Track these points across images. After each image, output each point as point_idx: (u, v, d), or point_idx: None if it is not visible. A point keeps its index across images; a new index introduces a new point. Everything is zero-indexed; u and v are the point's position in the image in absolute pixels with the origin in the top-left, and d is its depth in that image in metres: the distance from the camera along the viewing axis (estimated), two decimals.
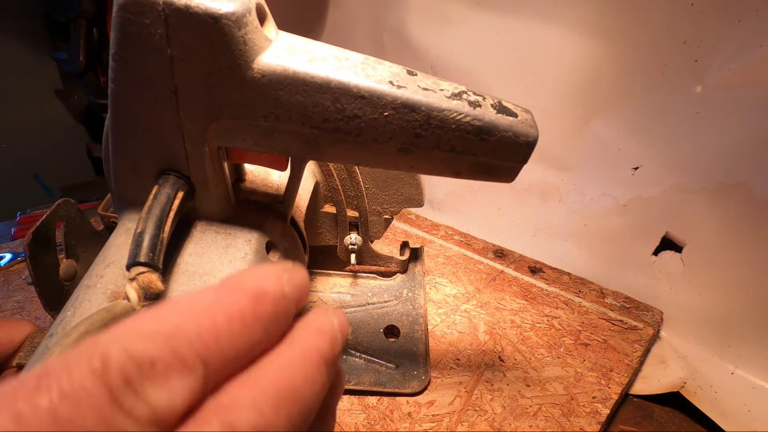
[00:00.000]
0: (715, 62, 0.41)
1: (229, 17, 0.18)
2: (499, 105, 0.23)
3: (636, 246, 0.51)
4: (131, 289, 0.17)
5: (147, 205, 0.20)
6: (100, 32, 0.79)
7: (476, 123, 0.22)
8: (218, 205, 0.24)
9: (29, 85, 0.92)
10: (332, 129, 0.21)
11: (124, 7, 0.17)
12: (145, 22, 0.18)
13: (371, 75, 0.20)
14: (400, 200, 0.42)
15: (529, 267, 0.56)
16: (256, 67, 0.19)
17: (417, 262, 0.47)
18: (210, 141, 0.22)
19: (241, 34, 0.18)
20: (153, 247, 0.18)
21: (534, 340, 0.43)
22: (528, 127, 0.23)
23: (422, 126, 0.21)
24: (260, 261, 0.25)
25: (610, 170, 0.51)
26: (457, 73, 0.62)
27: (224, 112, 0.20)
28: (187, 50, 0.18)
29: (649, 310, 0.49)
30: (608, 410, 0.36)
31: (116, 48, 0.18)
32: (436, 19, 0.61)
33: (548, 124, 0.55)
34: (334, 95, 0.20)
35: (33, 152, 0.96)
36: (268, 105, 0.20)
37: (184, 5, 0.17)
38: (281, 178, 0.31)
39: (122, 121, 0.21)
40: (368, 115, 0.21)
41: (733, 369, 0.43)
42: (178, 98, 0.20)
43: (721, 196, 0.43)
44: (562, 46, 0.51)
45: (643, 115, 0.48)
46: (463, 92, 0.22)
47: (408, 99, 0.20)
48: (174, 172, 0.22)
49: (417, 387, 0.37)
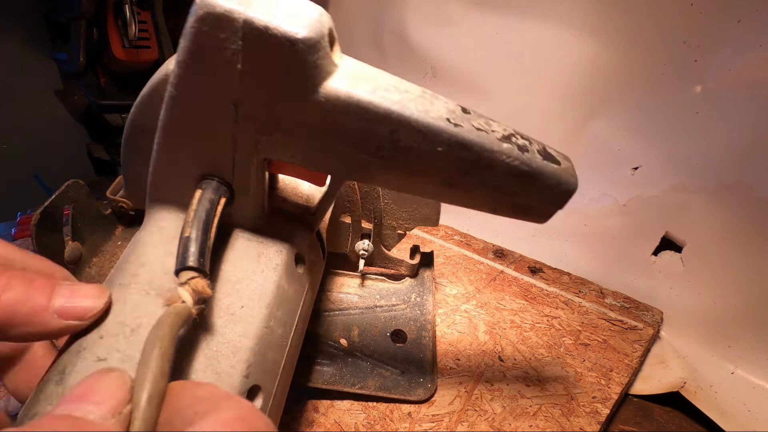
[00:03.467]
0: (715, 62, 0.41)
1: (305, 42, 0.18)
2: (544, 151, 0.23)
3: (636, 246, 0.51)
4: (185, 292, 0.18)
5: (192, 209, 0.20)
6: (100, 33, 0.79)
7: (523, 168, 0.22)
8: (253, 212, 0.24)
9: (29, 86, 0.92)
10: (384, 157, 0.21)
11: (202, 19, 0.17)
12: (220, 36, 0.18)
13: (429, 110, 0.20)
14: (416, 218, 0.42)
15: (529, 267, 0.56)
16: (322, 92, 0.19)
17: (427, 267, 0.47)
18: (260, 152, 0.22)
19: (313, 59, 0.18)
20: (202, 252, 0.19)
21: (534, 340, 0.43)
22: (569, 176, 0.24)
23: (472, 164, 0.22)
24: (289, 273, 0.25)
25: (609, 170, 0.51)
26: (457, 73, 0.62)
27: (281, 128, 0.21)
28: (258, 68, 0.19)
29: (649, 310, 0.49)
30: (608, 410, 0.36)
31: (184, 56, 0.19)
32: (436, 19, 0.61)
33: (548, 124, 0.55)
34: (393, 126, 0.20)
35: (33, 152, 0.96)
36: (326, 127, 0.20)
37: (264, 26, 0.17)
38: (310, 188, 0.31)
39: (175, 124, 0.21)
40: (422, 148, 0.21)
41: (733, 369, 0.43)
42: (238, 110, 0.20)
43: (721, 196, 0.43)
44: (562, 46, 0.51)
45: (643, 115, 0.48)
46: (512, 135, 0.22)
47: (463, 138, 0.21)
48: (217, 177, 0.22)
49: (423, 395, 0.36)
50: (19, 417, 0.17)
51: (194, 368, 0.19)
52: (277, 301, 0.24)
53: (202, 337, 0.20)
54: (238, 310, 0.22)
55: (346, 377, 0.36)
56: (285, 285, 0.25)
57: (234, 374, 0.20)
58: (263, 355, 0.22)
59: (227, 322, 0.21)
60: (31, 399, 0.17)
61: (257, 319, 0.22)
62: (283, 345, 0.24)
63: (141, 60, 0.83)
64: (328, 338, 0.39)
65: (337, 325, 0.40)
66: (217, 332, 0.21)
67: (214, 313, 0.21)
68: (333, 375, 0.36)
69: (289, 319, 0.25)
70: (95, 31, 0.79)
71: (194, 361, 0.19)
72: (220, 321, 0.21)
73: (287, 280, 0.25)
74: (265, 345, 0.22)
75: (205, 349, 0.20)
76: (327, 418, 0.35)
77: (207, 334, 0.20)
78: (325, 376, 0.36)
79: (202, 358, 0.19)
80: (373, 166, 0.22)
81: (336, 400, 0.36)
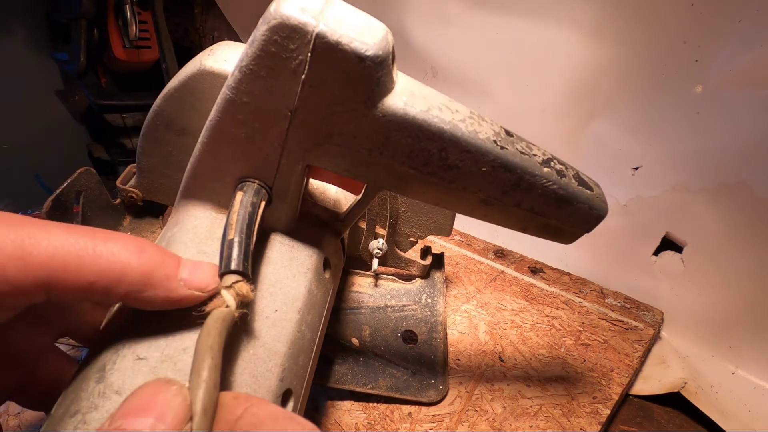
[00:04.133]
0: (715, 62, 0.41)
1: (373, 59, 0.18)
2: (578, 177, 0.24)
3: (636, 246, 0.51)
4: (230, 296, 0.17)
5: (234, 212, 0.20)
6: (100, 33, 0.79)
7: (560, 192, 0.23)
8: (287, 216, 0.25)
9: (30, 86, 0.92)
10: (429, 173, 0.22)
11: (275, 29, 0.18)
12: (290, 47, 0.18)
13: (478, 132, 0.21)
14: (430, 227, 0.42)
15: (530, 267, 0.56)
16: (381, 108, 0.20)
17: (438, 268, 0.47)
18: (306, 160, 0.22)
19: (378, 75, 0.19)
20: (245, 256, 0.19)
21: (534, 341, 0.43)
22: (601, 202, 0.25)
23: (512, 186, 0.23)
24: (318, 277, 0.25)
25: (610, 170, 0.51)
26: (457, 73, 0.62)
27: (332, 140, 0.21)
28: (322, 80, 0.19)
29: (650, 310, 0.49)
30: (609, 410, 0.36)
31: (249, 61, 0.19)
32: (436, 19, 0.61)
33: (548, 125, 0.55)
34: (443, 145, 0.21)
35: (34, 153, 0.96)
36: (378, 141, 0.21)
37: (336, 41, 0.18)
38: (337, 193, 0.31)
39: (226, 125, 0.21)
40: (468, 167, 0.22)
41: (734, 369, 0.43)
42: (293, 119, 0.20)
43: (721, 196, 0.43)
44: (562, 46, 0.51)
45: (643, 115, 0.48)
46: (551, 159, 0.23)
47: (507, 160, 0.22)
48: (257, 180, 0.22)
49: (435, 396, 0.36)
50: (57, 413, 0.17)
51: (232, 371, 0.19)
52: (308, 306, 0.24)
53: (240, 341, 0.20)
54: (272, 314, 0.22)
55: (358, 377, 0.36)
56: (314, 289, 0.25)
57: (270, 378, 0.20)
58: (295, 360, 0.22)
59: (263, 325, 0.21)
60: (70, 397, 0.17)
61: (291, 323, 0.22)
62: (311, 349, 0.24)
63: (141, 60, 0.83)
64: (340, 337, 0.39)
65: (349, 324, 0.40)
66: (253, 335, 0.20)
67: (250, 316, 0.21)
68: (345, 374, 0.36)
69: (316, 324, 0.25)
70: (96, 31, 0.79)
71: (233, 364, 0.19)
72: (256, 324, 0.21)
73: (316, 285, 0.25)
74: (297, 349, 0.22)
75: (242, 353, 0.20)
76: (327, 418, 0.34)
77: (244, 337, 0.20)
78: (337, 375, 0.36)
79: (240, 362, 0.19)
80: (415, 180, 0.23)
81: (336, 399, 0.36)
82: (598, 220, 0.25)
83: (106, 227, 0.35)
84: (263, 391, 0.19)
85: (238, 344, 0.20)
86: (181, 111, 0.26)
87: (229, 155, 0.22)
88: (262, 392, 0.19)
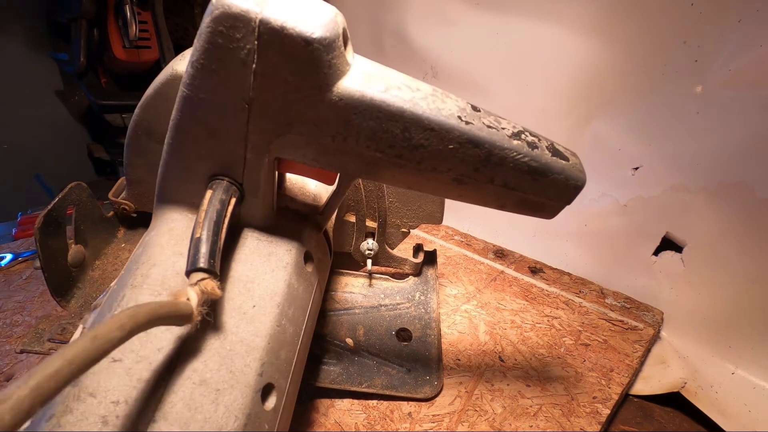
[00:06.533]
0: (715, 62, 0.41)
1: (320, 42, 0.18)
2: (552, 148, 0.23)
3: (636, 246, 0.51)
4: (193, 292, 0.17)
5: (203, 210, 0.20)
6: (100, 33, 0.79)
7: (533, 164, 0.22)
8: (262, 212, 0.25)
9: (30, 86, 0.93)
10: (395, 155, 0.22)
11: (218, 19, 0.17)
12: (236, 37, 0.18)
13: (441, 108, 0.21)
14: (420, 216, 0.42)
15: (530, 267, 0.56)
16: (336, 91, 0.19)
17: (430, 265, 0.47)
18: (271, 152, 0.22)
19: (328, 58, 0.19)
20: (212, 254, 0.19)
21: (534, 341, 0.43)
22: (578, 172, 0.24)
23: (482, 161, 0.22)
24: (299, 271, 0.25)
25: (610, 170, 0.51)
26: (458, 73, 0.62)
27: (293, 128, 0.21)
28: (273, 67, 0.19)
29: (650, 310, 0.49)
30: (609, 410, 0.36)
31: (199, 56, 0.19)
32: (436, 19, 0.61)
33: (548, 124, 0.55)
34: (405, 125, 0.20)
35: (34, 153, 0.96)
36: (338, 126, 0.21)
37: (280, 26, 0.17)
38: (317, 187, 0.31)
39: (187, 124, 0.21)
40: (434, 146, 0.21)
41: (734, 369, 0.43)
42: (251, 111, 0.20)
43: (721, 196, 0.43)
44: (562, 46, 0.51)
45: (643, 115, 0.48)
46: (521, 132, 0.23)
47: (474, 135, 0.21)
48: (227, 177, 0.22)
49: (430, 392, 0.36)
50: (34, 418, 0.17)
51: (209, 367, 0.19)
52: (288, 300, 0.24)
53: (216, 337, 0.20)
54: (250, 310, 0.22)
55: (353, 376, 0.37)
56: (295, 283, 0.25)
57: (249, 373, 0.20)
58: (276, 354, 0.22)
59: (240, 321, 0.21)
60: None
61: (269, 317, 0.22)
62: (294, 343, 0.24)
63: (142, 60, 0.83)
64: (334, 338, 0.39)
65: (343, 325, 0.40)
66: (230, 331, 0.21)
67: (226, 312, 0.21)
68: (340, 374, 0.36)
69: (299, 317, 0.25)
70: (96, 32, 0.79)
71: (209, 361, 0.19)
72: (232, 320, 0.21)
73: (297, 279, 0.25)
74: (278, 343, 0.22)
75: (219, 349, 0.20)
76: (327, 418, 0.34)
77: (220, 334, 0.20)
78: (332, 375, 0.36)
79: (216, 357, 0.19)
80: (384, 164, 0.22)
81: (336, 399, 0.36)
82: (577, 191, 0.24)
83: (99, 240, 0.35)
84: (241, 386, 0.20)
85: (214, 341, 0.20)
86: (159, 118, 0.26)
87: (195, 154, 0.22)
88: (239, 387, 0.19)
